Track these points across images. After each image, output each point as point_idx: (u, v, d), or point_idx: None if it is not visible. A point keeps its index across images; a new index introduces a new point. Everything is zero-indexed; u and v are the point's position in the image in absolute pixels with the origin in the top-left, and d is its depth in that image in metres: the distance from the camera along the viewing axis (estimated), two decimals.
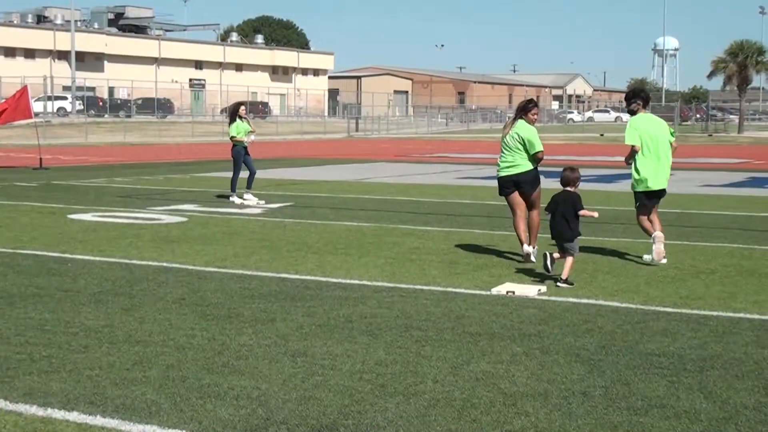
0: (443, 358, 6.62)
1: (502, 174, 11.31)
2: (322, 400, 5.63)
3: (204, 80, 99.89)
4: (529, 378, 6.16)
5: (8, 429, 5.10)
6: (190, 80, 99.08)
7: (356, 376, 6.14)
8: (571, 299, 8.75)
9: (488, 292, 9.06)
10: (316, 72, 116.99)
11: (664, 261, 10.73)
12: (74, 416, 5.31)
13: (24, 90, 29.11)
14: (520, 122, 11.30)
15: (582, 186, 10.58)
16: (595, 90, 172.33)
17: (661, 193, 11.24)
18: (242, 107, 19.09)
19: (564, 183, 10.09)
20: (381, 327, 7.55)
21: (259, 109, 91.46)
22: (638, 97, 11.23)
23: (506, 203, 11.55)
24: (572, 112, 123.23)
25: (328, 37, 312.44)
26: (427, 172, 29.07)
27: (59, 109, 73.23)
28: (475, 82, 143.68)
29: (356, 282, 9.56)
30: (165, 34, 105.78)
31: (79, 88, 75.71)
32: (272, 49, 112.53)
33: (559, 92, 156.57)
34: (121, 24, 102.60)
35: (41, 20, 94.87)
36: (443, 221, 15.09)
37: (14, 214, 15.54)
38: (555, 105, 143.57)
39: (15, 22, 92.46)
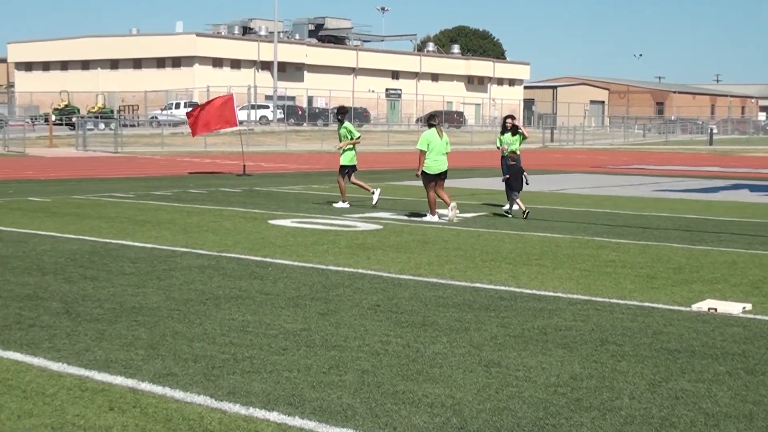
0: (640, 374, 6.46)
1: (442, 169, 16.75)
2: (516, 412, 5.60)
3: (400, 90, 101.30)
4: (732, 398, 5.93)
5: (213, 426, 5.30)
6: (387, 90, 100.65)
7: (551, 389, 6.07)
8: None
9: (688, 309, 8.78)
10: (511, 82, 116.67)
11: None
12: (274, 416, 5.46)
13: (230, 98, 30.27)
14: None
15: None
16: None
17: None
18: (508, 119, 19.39)
19: (515, 160, 17.54)
20: (576, 340, 7.44)
21: (454, 119, 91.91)
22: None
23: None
24: None
25: (524, 46, 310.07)
26: (623, 184, 28.47)
27: (261, 117, 75.80)
28: (674, 92, 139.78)
29: (551, 294, 9.46)
30: (363, 44, 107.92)
31: (280, 98, 78.16)
32: (468, 59, 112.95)
33: (766, 103, 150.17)
34: (321, 35, 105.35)
35: (246, 32, 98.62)
36: (639, 234, 14.74)
37: (219, 219, 16.18)
38: (762, 116, 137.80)
39: (223, 33, 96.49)
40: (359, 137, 19.72)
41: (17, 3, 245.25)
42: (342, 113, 20.26)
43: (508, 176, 17.64)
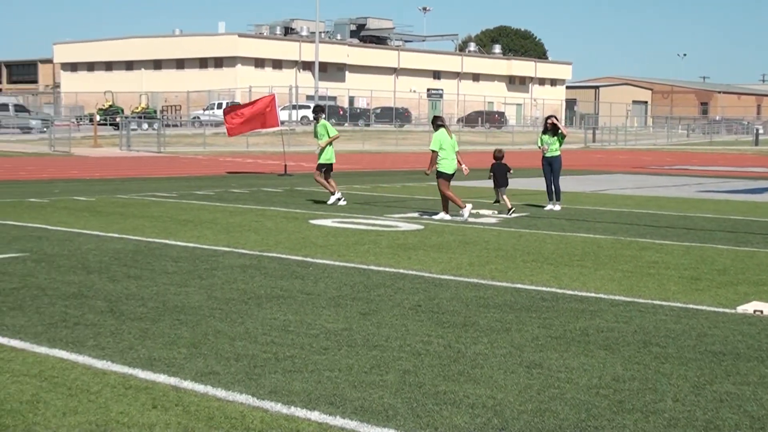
0: (684, 377, 6.40)
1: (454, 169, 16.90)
2: (558, 413, 5.57)
3: (441, 90, 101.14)
4: None
5: (255, 424, 5.33)
6: (428, 90, 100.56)
7: (593, 391, 6.03)
8: None
9: (733, 311, 8.69)
10: (553, 82, 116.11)
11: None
12: (315, 416, 5.48)
13: (271, 99, 30.40)
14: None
15: None
16: None
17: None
18: (549, 120, 19.44)
19: (498, 158, 18.75)
20: (618, 342, 7.39)
21: (494, 119, 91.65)
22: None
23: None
24: None
25: (566, 46, 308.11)
26: (666, 185, 28.24)
27: (302, 117, 76.02)
28: (719, 92, 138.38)
29: (593, 295, 9.41)
30: (404, 44, 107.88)
31: (322, 98, 78.36)
32: (509, 59, 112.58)
33: None
34: (363, 35, 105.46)
35: (288, 32, 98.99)
36: (683, 235, 14.61)
37: (261, 219, 16.26)
38: None
39: (264, 34, 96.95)
40: (337, 135, 19.98)
41: (63, 4, 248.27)
42: (318, 112, 20.63)
43: (492, 173, 18.73)
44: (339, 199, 19.54)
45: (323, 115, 20.65)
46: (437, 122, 17.20)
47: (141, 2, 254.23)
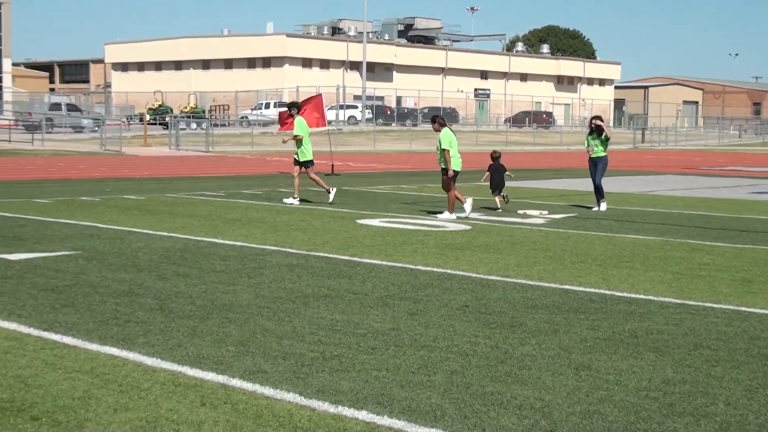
0: (736, 380, 6.32)
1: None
2: (607, 416, 5.53)
3: (489, 90, 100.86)
4: None
5: (303, 423, 5.34)
6: (475, 90, 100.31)
7: (642, 393, 5.97)
8: None
9: None
10: (602, 82, 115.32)
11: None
12: (363, 415, 5.48)
13: (319, 98, 30.48)
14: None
15: None
16: None
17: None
18: (593, 121, 19.30)
19: (495, 158, 19.05)
20: (668, 344, 7.32)
21: (542, 119, 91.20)
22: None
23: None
24: None
25: (615, 46, 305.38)
26: (718, 186, 27.91)
27: (350, 117, 76.19)
28: None
29: (642, 297, 9.32)
30: (452, 44, 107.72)
31: (369, 98, 78.45)
32: (558, 59, 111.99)
33: None
34: (410, 35, 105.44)
35: (336, 32, 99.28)
36: (735, 237, 14.43)
37: (308, 218, 16.31)
38: None
39: (312, 34, 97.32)
40: (295, 136, 19.99)
41: (114, 6, 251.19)
42: (291, 108, 21.03)
43: (489, 174, 19.14)
44: (293, 203, 19.47)
45: (295, 111, 20.73)
46: (440, 121, 17.04)
47: (190, 3, 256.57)
